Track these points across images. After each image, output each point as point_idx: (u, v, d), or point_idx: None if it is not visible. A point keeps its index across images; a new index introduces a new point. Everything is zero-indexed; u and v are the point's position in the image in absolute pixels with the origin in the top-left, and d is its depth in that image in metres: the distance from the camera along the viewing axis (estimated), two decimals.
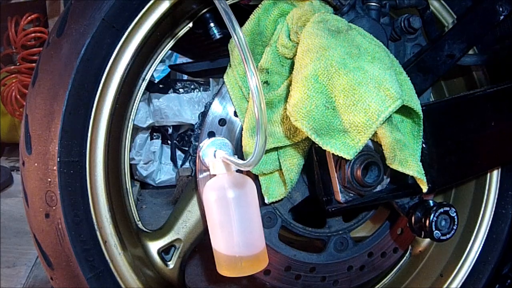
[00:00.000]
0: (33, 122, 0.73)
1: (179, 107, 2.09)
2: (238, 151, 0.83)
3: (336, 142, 0.71)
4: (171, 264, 0.88)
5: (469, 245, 1.06)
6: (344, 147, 0.71)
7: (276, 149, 0.80)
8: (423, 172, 0.75)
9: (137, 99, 0.87)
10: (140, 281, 0.81)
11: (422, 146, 0.78)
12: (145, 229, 0.89)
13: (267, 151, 0.79)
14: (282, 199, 0.84)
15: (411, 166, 0.74)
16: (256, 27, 0.80)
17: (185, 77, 2.20)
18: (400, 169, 0.74)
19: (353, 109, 0.69)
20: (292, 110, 0.70)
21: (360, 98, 0.69)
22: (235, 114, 0.84)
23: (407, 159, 0.74)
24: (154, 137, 2.20)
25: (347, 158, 0.72)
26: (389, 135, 0.73)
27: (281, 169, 0.81)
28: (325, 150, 0.78)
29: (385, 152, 0.75)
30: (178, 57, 2.18)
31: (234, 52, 0.82)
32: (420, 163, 0.75)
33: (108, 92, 0.77)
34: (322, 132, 0.70)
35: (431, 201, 0.83)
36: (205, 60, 0.98)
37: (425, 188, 0.76)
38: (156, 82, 2.11)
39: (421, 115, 0.76)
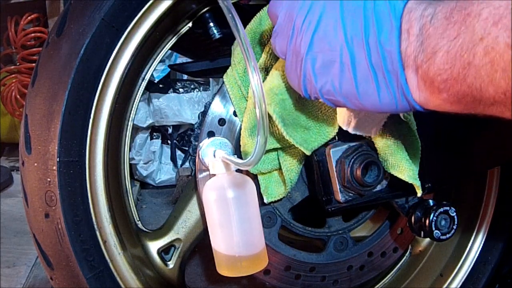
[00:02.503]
0: (32, 122, 0.73)
1: (179, 107, 2.09)
2: (238, 151, 0.83)
3: (297, 136, 0.74)
4: (171, 264, 0.88)
5: (469, 245, 1.06)
6: (304, 142, 0.74)
7: (275, 149, 0.80)
8: (416, 176, 0.74)
9: (136, 99, 0.87)
10: (139, 281, 0.81)
11: (422, 146, 0.78)
12: (145, 229, 0.89)
13: (266, 151, 0.79)
14: (281, 199, 0.84)
15: (403, 170, 0.74)
16: (258, 26, 0.80)
17: (185, 77, 2.20)
18: (393, 173, 0.75)
19: (318, 110, 0.74)
20: (266, 93, 0.71)
21: None
22: (235, 114, 0.84)
23: (399, 163, 0.74)
24: (154, 137, 2.20)
25: (305, 153, 0.75)
26: (380, 140, 0.74)
27: (280, 169, 0.81)
28: (324, 150, 0.78)
29: (379, 155, 0.76)
30: (178, 57, 2.18)
31: (235, 51, 0.82)
32: (414, 168, 0.75)
33: (107, 91, 0.77)
34: (288, 123, 0.73)
35: (431, 201, 0.83)
36: (205, 60, 0.98)
37: (419, 193, 0.76)
38: (156, 82, 2.11)
39: (414, 122, 0.75)
